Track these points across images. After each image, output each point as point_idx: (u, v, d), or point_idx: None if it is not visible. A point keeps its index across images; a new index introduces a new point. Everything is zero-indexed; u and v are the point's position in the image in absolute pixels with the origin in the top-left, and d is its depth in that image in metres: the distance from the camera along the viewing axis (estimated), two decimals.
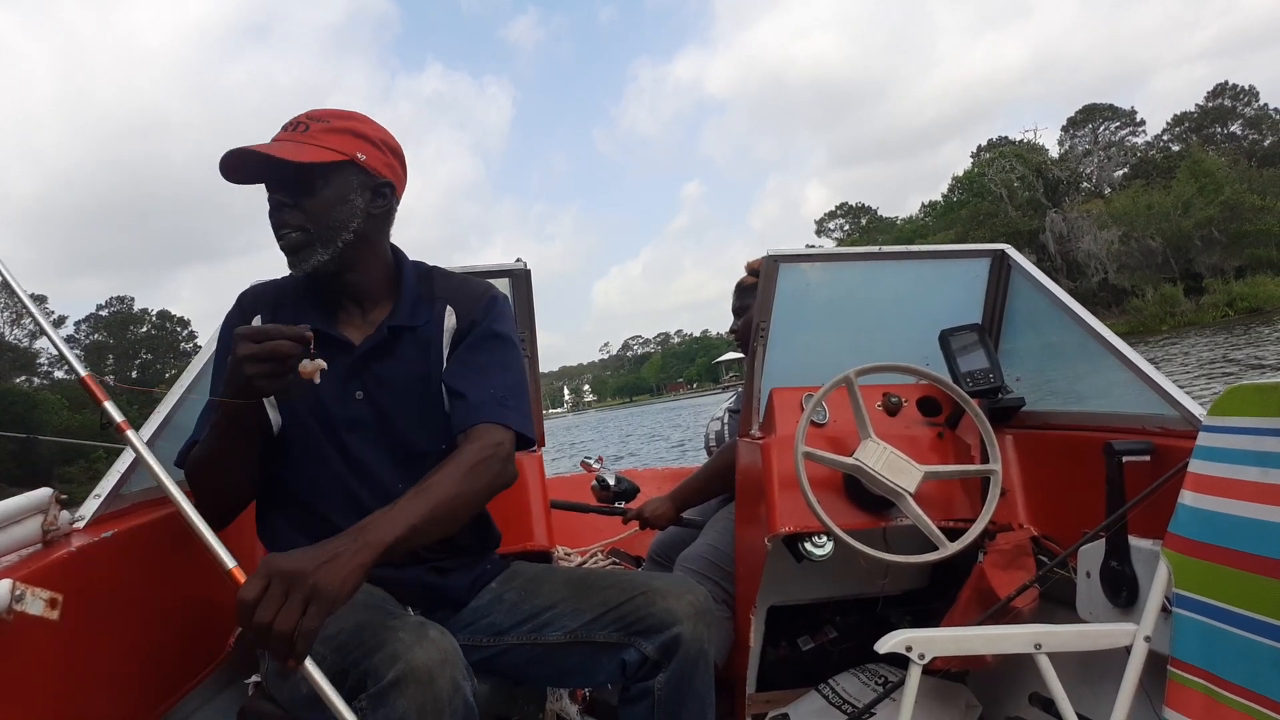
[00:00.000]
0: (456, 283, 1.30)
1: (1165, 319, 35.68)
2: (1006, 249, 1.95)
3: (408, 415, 1.22)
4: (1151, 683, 1.24)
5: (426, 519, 0.99)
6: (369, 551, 0.91)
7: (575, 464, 3.18)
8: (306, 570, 0.85)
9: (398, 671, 0.92)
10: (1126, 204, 40.47)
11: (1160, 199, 39.58)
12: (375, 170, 1.20)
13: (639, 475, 2.87)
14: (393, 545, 0.94)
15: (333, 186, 1.16)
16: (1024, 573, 1.62)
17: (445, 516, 1.03)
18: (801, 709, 1.87)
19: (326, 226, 1.16)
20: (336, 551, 0.89)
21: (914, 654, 1.25)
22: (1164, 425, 1.44)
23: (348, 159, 1.17)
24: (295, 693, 1.06)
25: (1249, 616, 1.11)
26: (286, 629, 0.83)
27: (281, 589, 0.84)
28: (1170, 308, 36.48)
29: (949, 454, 1.77)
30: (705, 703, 1.19)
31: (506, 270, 1.84)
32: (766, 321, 1.84)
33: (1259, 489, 1.13)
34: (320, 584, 0.85)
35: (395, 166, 1.25)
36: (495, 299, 1.29)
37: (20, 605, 0.90)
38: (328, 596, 0.85)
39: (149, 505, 1.37)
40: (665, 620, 1.15)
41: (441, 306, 1.26)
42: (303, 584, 0.84)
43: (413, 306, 1.25)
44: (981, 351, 1.85)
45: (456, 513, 1.05)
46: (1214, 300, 35.95)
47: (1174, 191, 39.49)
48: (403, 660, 0.92)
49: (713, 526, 2.12)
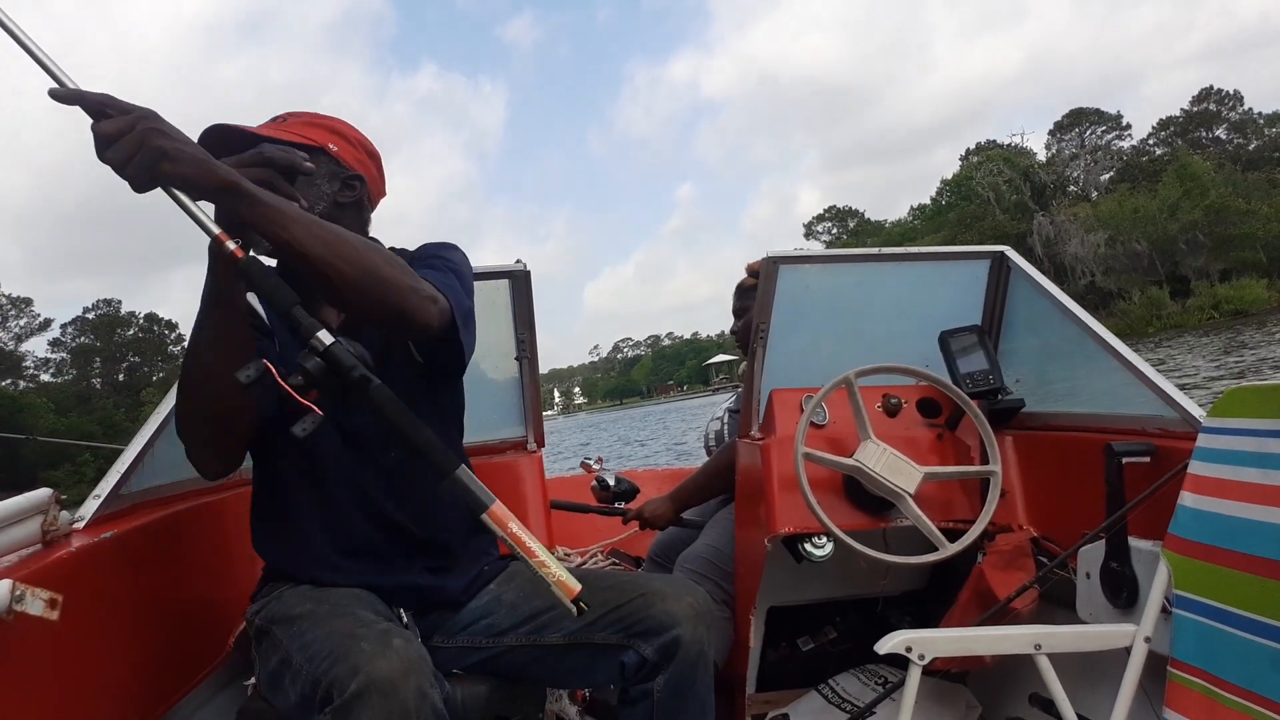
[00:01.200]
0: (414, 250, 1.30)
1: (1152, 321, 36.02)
2: (1006, 251, 1.96)
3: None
4: (1151, 683, 1.24)
5: (314, 228, 0.93)
6: (227, 172, 0.87)
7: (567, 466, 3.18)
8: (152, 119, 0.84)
9: (359, 684, 0.90)
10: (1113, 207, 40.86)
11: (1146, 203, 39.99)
12: (346, 162, 1.24)
13: (638, 476, 2.87)
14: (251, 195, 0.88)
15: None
16: (1024, 573, 1.63)
17: (334, 248, 0.93)
18: (801, 709, 1.87)
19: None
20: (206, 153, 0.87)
21: (914, 654, 1.25)
22: (1164, 426, 1.45)
23: (319, 146, 1.22)
24: (285, 700, 1.06)
25: (1249, 617, 1.12)
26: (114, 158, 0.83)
27: (129, 121, 0.83)
28: (1156, 310, 36.85)
29: (949, 455, 1.77)
30: (705, 704, 1.18)
31: (506, 272, 1.84)
32: (766, 323, 1.85)
33: (1259, 490, 1.14)
34: (153, 134, 0.83)
35: (368, 164, 1.28)
36: (445, 244, 1.30)
37: (20, 606, 0.90)
38: (152, 148, 0.83)
39: (149, 506, 1.37)
40: (665, 622, 1.15)
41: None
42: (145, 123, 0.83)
43: None
44: (981, 353, 1.85)
45: (348, 259, 0.94)
46: (1199, 303, 36.37)
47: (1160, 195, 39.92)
48: (363, 672, 0.91)
49: (712, 527, 2.12)
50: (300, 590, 1.17)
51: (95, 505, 1.22)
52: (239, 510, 1.40)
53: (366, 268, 0.96)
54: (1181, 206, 38.36)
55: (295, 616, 1.10)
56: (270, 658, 1.11)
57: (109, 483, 1.27)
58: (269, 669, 1.11)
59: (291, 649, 1.05)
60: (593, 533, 2.85)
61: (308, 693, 0.98)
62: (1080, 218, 40.78)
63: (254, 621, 1.19)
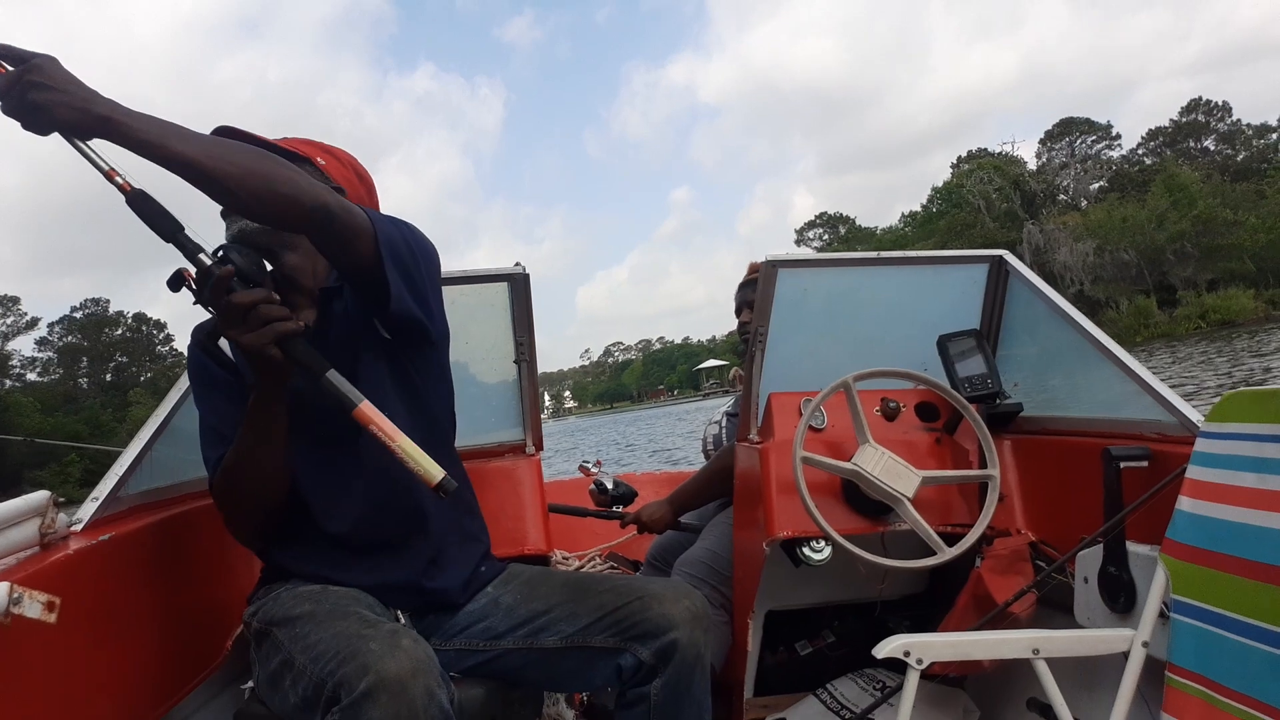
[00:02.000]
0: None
1: (1140, 330, 36.27)
2: (1005, 255, 1.97)
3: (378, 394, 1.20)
4: (1149, 688, 1.25)
5: (189, 139, 0.96)
6: (97, 109, 0.91)
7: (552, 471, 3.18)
8: (34, 70, 0.90)
9: (368, 683, 0.91)
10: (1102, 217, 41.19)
11: (1135, 212, 40.30)
12: (330, 176, 1.28)
13: (637, 479, 2.87)
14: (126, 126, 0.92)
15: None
16: (1022, 578, 1.63)
17: (210, 149, 0.97)
18: (799, 714, 1.87)
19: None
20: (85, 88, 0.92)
21: (912, 659, 1.25)
22: (1161, 431, 1.45)
23: (306, 157, 1.26)
24: (285, 702, 1.06)
25: (1246, 622, 1.12)
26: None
27: (16, 74, 0.89)
28: (1144, 319, 37.12)
29: (947, 459, 1.78)
30: (702, 708, 1.19)
31: (505, 275, 1.83)
32: (765, 326, 1.85)
33: (1256, 495, 1.14)
34: (32, 87, 0.89)
35: (354, 180, 1.33)
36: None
37: (18, 608, 0.89)
38: (30, 102, 0.89)
39: (146, 508, 1.36)
40: (662, 625, 1.15)
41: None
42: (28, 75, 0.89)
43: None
44: (980, 357, 1.86)
45: (233, 160, 0.98)
46: (1187, 312, 36.73)
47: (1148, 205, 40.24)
48: (373, 671, 0.92)
49: (711, 531, 2.12)
50: (298, 592, 1.17)
51: (93, 508, 1.22)
52: None
53: (250, 167, 0.99)
54: (1169, 217, 38.73)
55: (296, 617, 1.10)
56: (270, 659, 1.10)
57: (107, 485, 1.26)
58: (269, 670, 1.10)
59: (294, 650, 1.05)
60: (591, 536, 2.85)
61: (310, 694, 0.98)
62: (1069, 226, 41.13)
63: (252, 623, 1.19)
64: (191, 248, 1.01)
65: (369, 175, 1.38)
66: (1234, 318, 35.04)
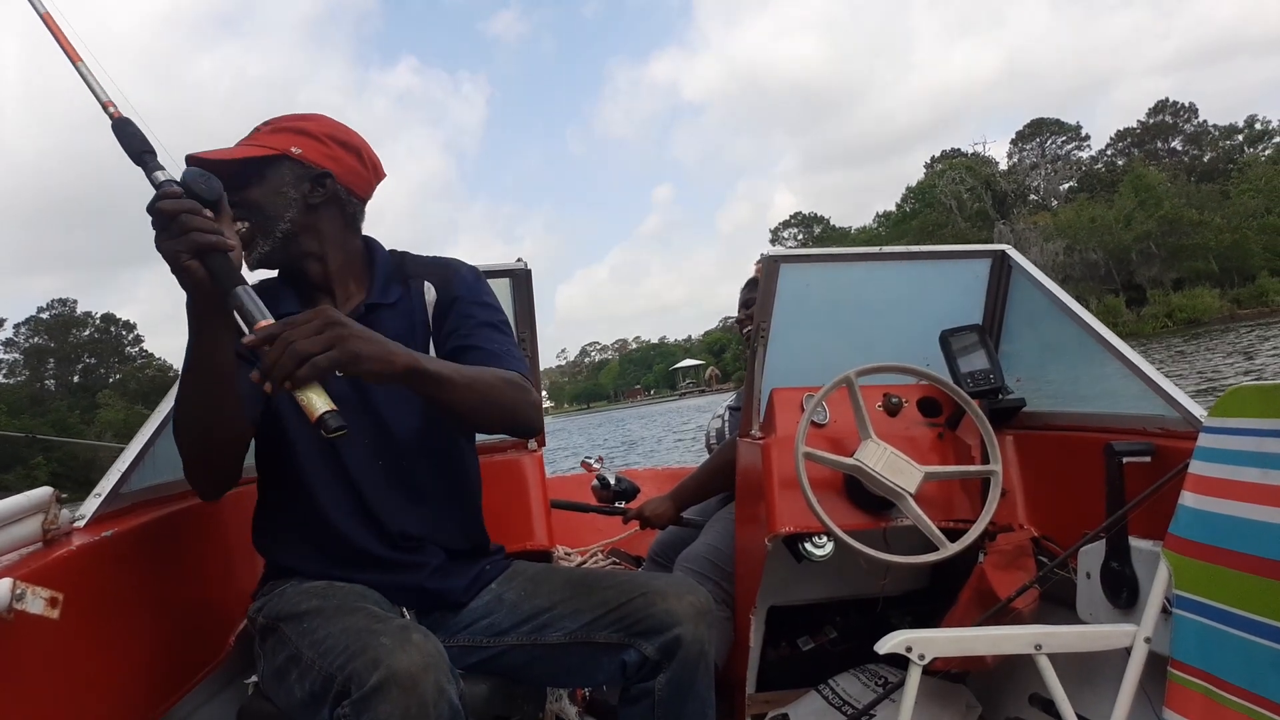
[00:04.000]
0: (428, 261, 1.35)
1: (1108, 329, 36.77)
2: (1007, 249, 1.96)
3: (387, 390, 1.22)
4: (1151, 684, 1.24)
5: (464, 380, 1.05)
6: (406, 357, 0.97)
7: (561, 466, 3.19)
8: (349, 325, 0.93)
9: (380, 677, 0.91)
10: (1071, 217, 41.64)
11: (1103, 212, 40.68)
12: (312, 161, 1.23)
13: (639, 475, 2.87)
14: (425, 372, 0.99)
15: (266, 181, 1.21)
16: (1024, 573, 1.63)
17: (480, 393, 1.08)
18: (801, 709, 1.87)
19: (263, 218, 1.21)
20: (385, 340, 0.96)
21: (914, 654, 1.25)
22: (1164, 426, 1.44)
23: (280, 154, 1.22)
24: (291, 696, 1.06)
25: (1249, 618, 1.11)
26: (302, 348, 0.88)
27: (321, 322, 0.91)
28: (1113, 318, 37.39)
29: (949, 454, 1.77)
30: (705, 703, 1.18)
31: (507, 270, 1.84)
32: (767, 322, 1.85)
33: (1260, 490, 1.13)
34: (351, 340, 0.92)
35: (340, 157, 1.26)
36: (474, 270, 1.35)
37: (21, 604, 0.90)
38: (350, 352, 0.91)
39: (149, 504, 1.36)
40: (666, 621, 1.14)
41: (419, 283, 1.30)
42: (339, 330, 0.91)
43: (385, 285, 1.29)
44: (982, 352, 1.85)
45: (489, 400, 1.10)
46: (1154, 311, 37.33)
47: (1116, 205, 40.62)
48: (384, 665, 0.92)
49: (713, 526, 2.12)
50: (303, 587, 1.18)
51: (96, 504, 1.22)
52: (239, 509, 1.40)
53: (495, 401, 1.11)
54: (1136, 217, 39.24)
55: (303, 613, 1.10)
56: (276, 654, 1.11)
57: (109, 481, 1.27)
58: (275, 665, 1.11)
59: (301, 645, 1.05)
60: (593, 532, 2.85)
61: (318, 688, 0.98)
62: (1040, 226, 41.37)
63: (257, 619, 1.20)
64: (152, 166, 0.99)
65: (356, 137, 1.30)
66: (1199, 316, 35.57)
